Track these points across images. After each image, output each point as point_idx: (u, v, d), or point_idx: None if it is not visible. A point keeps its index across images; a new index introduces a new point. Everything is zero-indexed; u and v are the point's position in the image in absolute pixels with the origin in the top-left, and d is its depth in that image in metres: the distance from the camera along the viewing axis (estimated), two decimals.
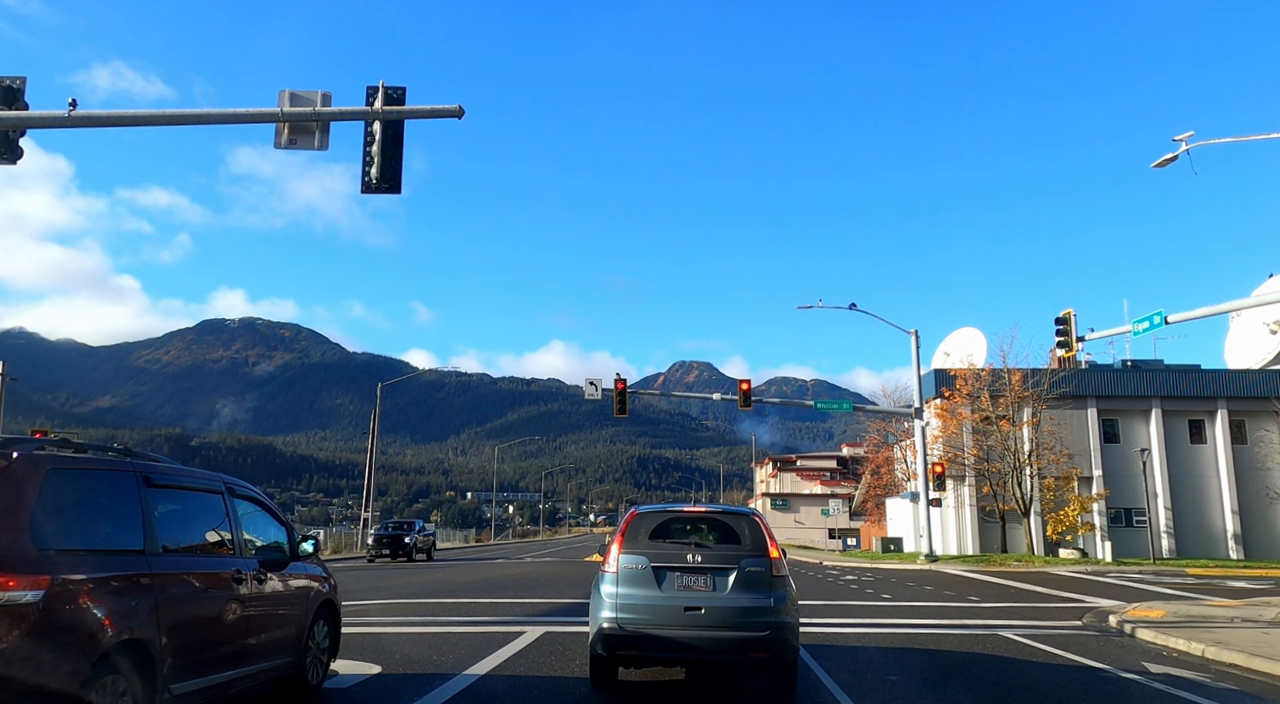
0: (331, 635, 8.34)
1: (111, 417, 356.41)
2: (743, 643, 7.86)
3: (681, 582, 8.10)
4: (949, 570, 32.04)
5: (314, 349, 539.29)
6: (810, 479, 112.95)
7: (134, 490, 5.69)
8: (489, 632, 12.43)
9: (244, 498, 7.27)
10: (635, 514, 8.81)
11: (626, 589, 8.11)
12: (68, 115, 12.13)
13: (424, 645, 11.03)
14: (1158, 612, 16.06)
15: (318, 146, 12.76)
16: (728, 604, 7.94)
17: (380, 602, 17.02)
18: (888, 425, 62.96)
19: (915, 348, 38.80)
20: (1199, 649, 11.43)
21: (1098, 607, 17.98)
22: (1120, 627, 14.12)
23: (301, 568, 7.84)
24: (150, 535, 5.66)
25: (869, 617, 15.55)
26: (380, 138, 12.85)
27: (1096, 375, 46.96)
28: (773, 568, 8.16)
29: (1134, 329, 23.68)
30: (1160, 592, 22.35)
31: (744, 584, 8.04)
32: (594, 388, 37.58)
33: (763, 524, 8.63)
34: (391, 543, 38.35)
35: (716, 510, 8.99)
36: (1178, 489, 45.18)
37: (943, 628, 13.97)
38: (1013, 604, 18.62)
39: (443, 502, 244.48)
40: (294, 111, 12.57)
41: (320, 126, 12.75)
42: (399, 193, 12.84)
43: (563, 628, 13.05)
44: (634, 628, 7.89)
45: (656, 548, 8.34)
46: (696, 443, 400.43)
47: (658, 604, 7.98)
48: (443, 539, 75.72)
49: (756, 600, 7.97)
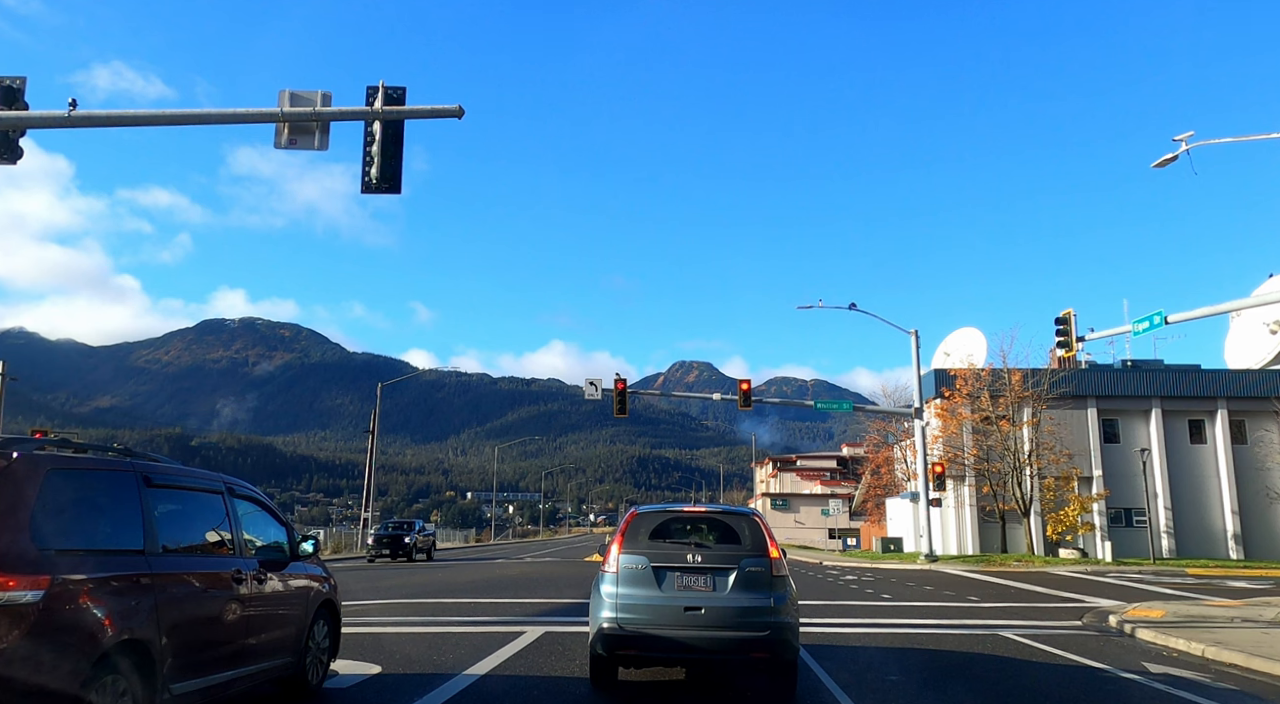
0: (331, 635, 8.34)
1: (112, 417, 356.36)
2: (743, 643, 7.82)
3: (681, 582, 8.05)
4: (949, 570, 32.04)
5: (314, 349, 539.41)
6: (810, 479, 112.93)
7: (134, 490, 5.70)
8: (489, 632, 12.43)
9: (244, 498, 7.27)
10: (635, 514, 8.77)
11: (626, 589, 8.07)
12: (68, 115, 12.14)
13: (424, 645, 11.03)
14: (1157, 612, 16.06)
15: (318, 147, 12.76)
16: (728, 604, 7.89)
17: (380, 601, 17.03)
18: (888, 425, 62.93)
19: (915, 348, 38.80)
20: (1199, 649, 11.43)
21: (1098, 607, 17.98)
22: (1120, 627, 14.11)
23: (301, 568, 7.83)
24: (150, 535, 5.66)
25: (869, 617, 15.55)
26: (380, 138, 12.85)
27: (1096, 375, 46.96)
28: (773, 568, 8.11)
29: (1134, 329, 23.68)
30: (1160, 592, 22.35)
31: (744, 584, 7.99)
32: (594, 388, 37.58)
33: (763, 524, 8.59)
34: (391, 543, 38.34)
35: (716, 510, 8.95)
36: (1178, 489, 45.19)
37: (942, 628, 13.98)
38: (1012, 604, 18.62)
39: (443, 502, 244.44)
40: (294, 112, 12.57)
41: (320, 127, 12.74)
42: (399, 193, 12.84)
43: (563, 628, 13.06)
44: (634, 628, 7.86)
45: (656, 548, 8.30)
46: (696, 443, 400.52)
47: (658, 604, 7.93)
48: (443, 539, 75.73)
49: (756, 600, 7.92)
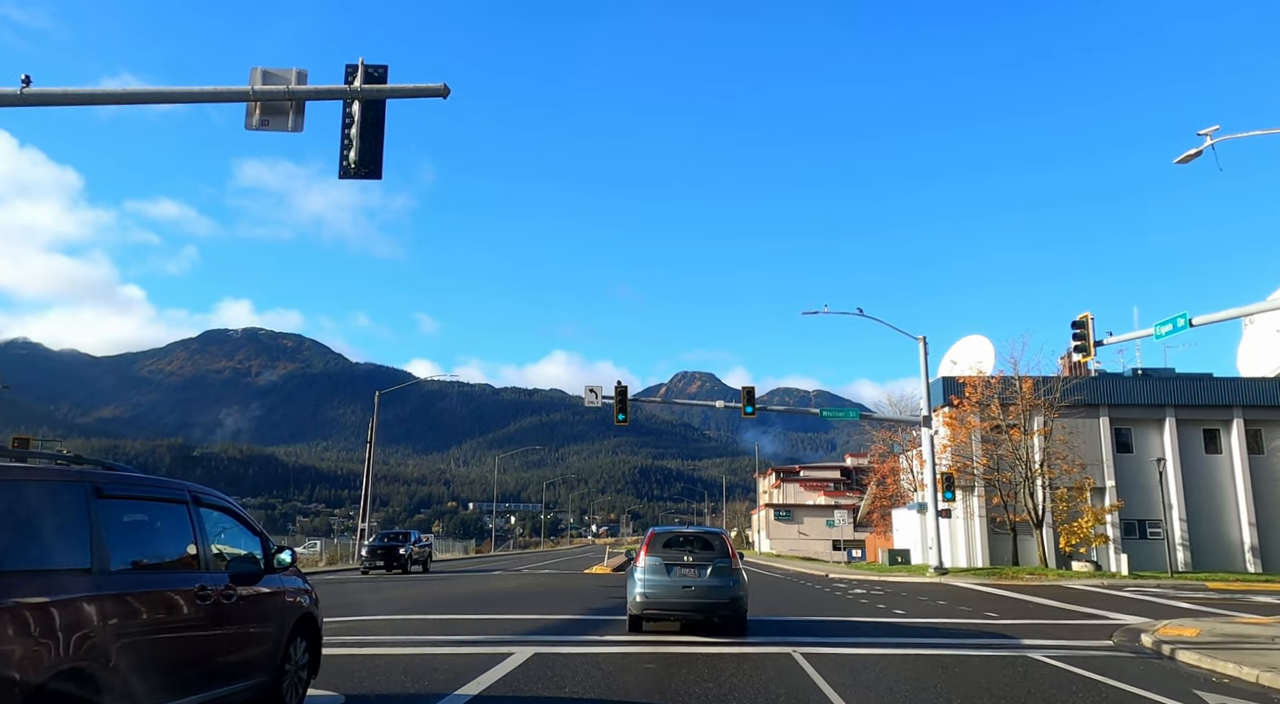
0: (311, 652, 7.78)
1: (115, 427, 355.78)
2: (715, 606, 13.60)
3: (680, 572, 13.69)
4: (960, 584, 30.99)
5: (316, 359, 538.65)
6: (814, 490, 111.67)
7: (82, 502, 5.14)
8: (473, 654, 11.43)
9: (212, 507, 6.73)
10: (654, 533, 14.61)
11: (648, 576, 13.62)
12: (20, 92, 11.24)
13: (399, 670, 10.03)
14: (1191, 630, 15.04)
15: (291, 128, 11.85)
16: (707, 585, 13.57)
17: (361, 619, 16.01)
18: (893, 435, 61.95)
19: (923, 354, 37.87)
20: (1251, 675, 10.41)
21: (1126, 624, 16.94)
22: (1158, 648, 13.10)
23: (277, 581, 7.31)
24: (99, 552, 5.12)
25: (884, 636, 14.52)
26: (360, 119, 11.95)
27: (1109, 384, 45.94)
28: (732, 565, 13.87)
29: (1156, 332, 22.73)
30: (1186, 608, 21.28)
31: (716, 574, 13.67)
32: (594, 395, 36.62)
33: (727, 539, 14.64)
34: (386, 554, 37.33)
35: (701, 531, 15.26)
36: (1192, 500, 44.04)
37: (965, 648, 12.96)
38: (1034, 621, 17.59)
39: (444, 512, 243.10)
40: (266, 90, 11.68)
41: (294, 107, 11.85)
42: (379, 178, 11.95)
43: (555, 649, 12.04)
44: (653, 598, 13.49)
45: (666, 552, 13.92)
46: (699, 453, 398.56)
47: (666, 585, 13.52)
48: (442, 550, 74.64)
49: (723, 583, 13.60)
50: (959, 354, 49.89)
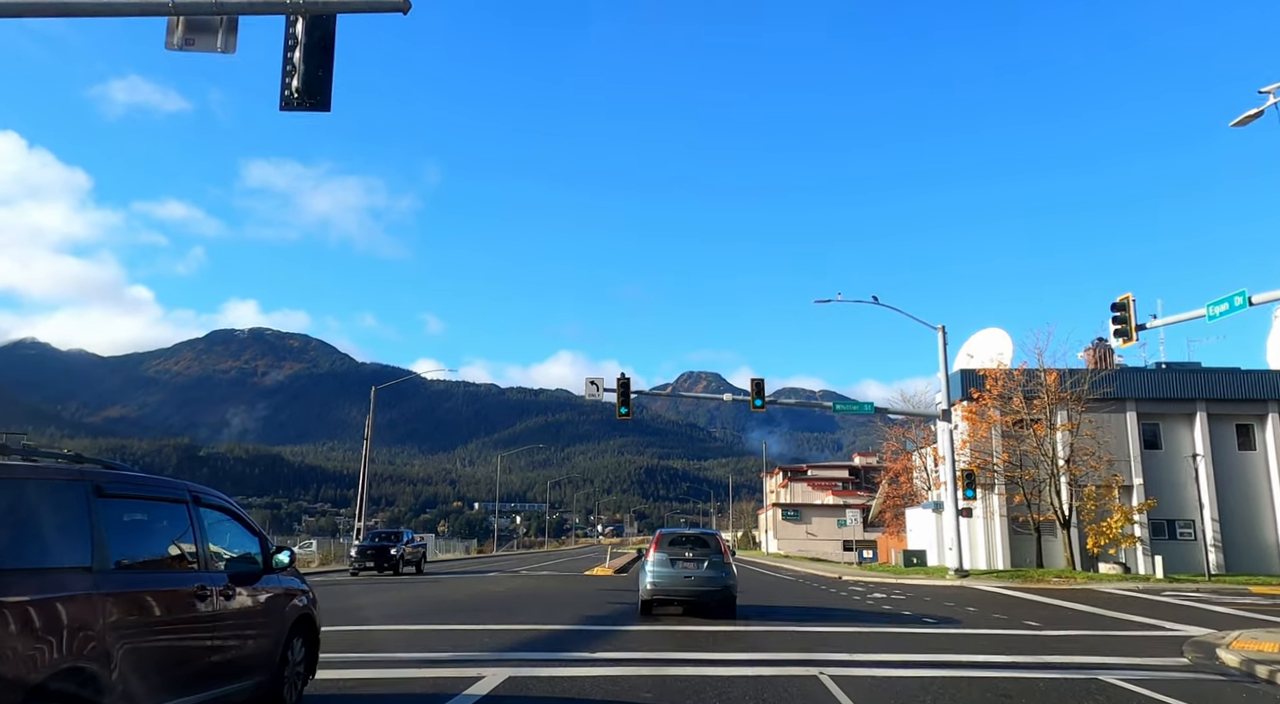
0: (309, 652, 7.84)
1: (122, 427, 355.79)
2: (710, 593, 16.64)
3: (682, 565, 16.81)
4: (985, 587, 29.03)
5: (323, 359, 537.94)
6: (822, 489, 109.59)
7: (83, 501, 5.16)
8: (435, 677, 9.53)
9: (211, 507, 6.73)
10: (661, 534, 17.90)
11: (656, 568, 16.80)
12: None
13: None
14: (1270, 644, 13.09)
15: (221, 48, 9.96)
16: (704, 575, 16.67)
17: (325, 630, 14.13)
18: (906, 432, 60.03)
19: (942, 344, 35.91)
20: None
21: (1190, 636, 14.95)
22: (1249, 669, 11.14)
23: (276, 581, 7.33)
24: (100, 551, 5.14)
25: (920, 652, 12.53)
26: (304, 41, 10.05)
27: (1136, 376, 43.84)
28: (725, 559, 17.16)
29: (1209, 313, 20.72)
30: (1244, 616, 19.27)
31: (711, 567, 16.78)
32: (595, 387, 34.69)
33: (720, 539, 18.23)
34: (376, 555, 35.50)
35: (699, 532, 19.11)
36: (1225, 499, 41.91)
37: (1021, 669, 11.01)
38: (1084, 632, 15.63)
39: (450, 512, 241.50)
40: (190, 1, 9.79)
41: (225, 23, 9.95)
42: (327, 110, 10.05)
43: (536, 669, 10.12)
44: (660, 587, 16.70)
45: (671, 549, 17.17)
46: (705, 453, 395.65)
47: (671, 575, 16.69)
48: (443, 550, 72.90)
49: (717, 574, 16.73)
50: (976, 347, 47.85)
